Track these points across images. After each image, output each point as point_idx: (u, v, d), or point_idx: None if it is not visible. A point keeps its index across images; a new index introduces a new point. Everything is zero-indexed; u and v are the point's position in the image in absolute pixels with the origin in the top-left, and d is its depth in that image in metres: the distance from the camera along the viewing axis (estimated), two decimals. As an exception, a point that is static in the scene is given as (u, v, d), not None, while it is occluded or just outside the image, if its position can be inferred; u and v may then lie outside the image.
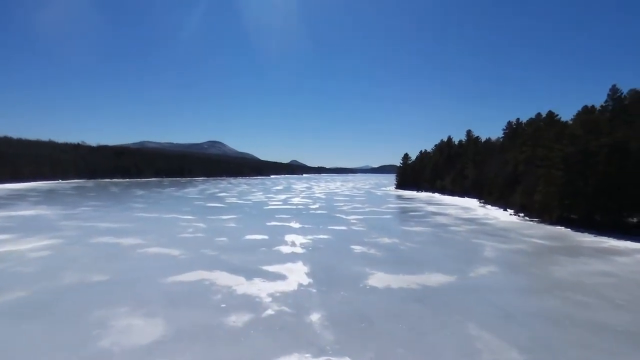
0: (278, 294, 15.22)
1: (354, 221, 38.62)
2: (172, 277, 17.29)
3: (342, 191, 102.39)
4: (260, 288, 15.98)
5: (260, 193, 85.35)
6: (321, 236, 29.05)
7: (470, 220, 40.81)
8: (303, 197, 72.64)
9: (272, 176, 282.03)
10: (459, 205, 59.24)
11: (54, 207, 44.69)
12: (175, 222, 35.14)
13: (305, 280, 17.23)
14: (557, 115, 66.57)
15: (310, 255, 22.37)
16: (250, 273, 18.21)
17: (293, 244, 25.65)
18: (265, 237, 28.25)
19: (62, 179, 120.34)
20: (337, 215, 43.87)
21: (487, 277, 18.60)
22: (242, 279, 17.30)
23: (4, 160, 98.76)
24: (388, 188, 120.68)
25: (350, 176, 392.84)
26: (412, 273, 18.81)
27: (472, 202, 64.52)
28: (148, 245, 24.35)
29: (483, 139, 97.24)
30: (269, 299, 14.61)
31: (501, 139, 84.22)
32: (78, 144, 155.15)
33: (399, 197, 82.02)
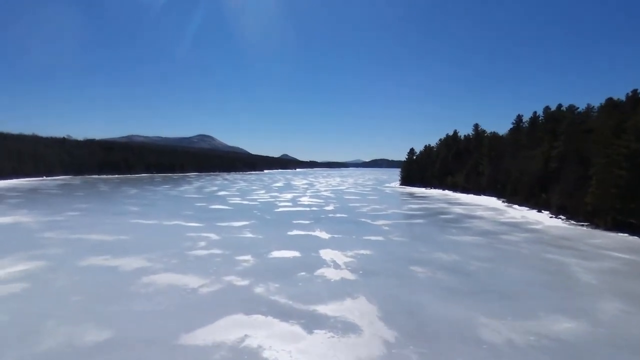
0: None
1: (386, 228, 33.71)
2: (199, 333, 12.14)
3: (347, 188, 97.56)
4: (335, 355, 10.94)
5: (263, 191, 79.94)
6: (362, 251, 24.08)
7: (514, 226, 36.26)
8: (311, 197, 67.51)
9: (265, 171, 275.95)
10: (484, 206, 54.85)
11: (35, 212, 38.84)
12: (181, 231, 29.79)
13: (390, 336, 12.23)
14: (577, 107, 62.67)
15: (367, 285, 17.38)
16: (305, 320, 13.16)
17: (336, 265, 20.64)
18: (296, 253, 23.17)
19: (47, 176, 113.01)
20: (362, 220, 38.92)
21: (627, 322, 13.85)
22: (298, 333, 12.25)
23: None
24: (392, 184, 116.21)
25: (344, 170, 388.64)
26: (520, 315, 13.97)
27: (493, 201, 60.24)
28: (155, 269, 19.08)
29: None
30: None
31: (508, 133, 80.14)
32: (64, 138, 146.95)
33: (411, 195, 77.53)
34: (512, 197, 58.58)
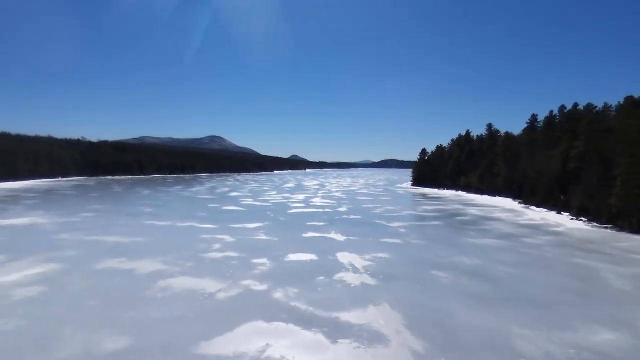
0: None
1: (403, 230, 32.99)
2: (219, 341, 11.69)
3: (359, 189, 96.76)
4: (365, 366, 10.38)
5: (274, 192, 79.67)
6: (380, 255, 23.43)
7: (535, 228, 35.18)
8: (323, 198, 66.96)
9: (275, 172, 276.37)
10: (500, 207, 53.62)
11: (52, 213, 39.07)
12: (195, 233, 29.52)
13: (419, 346, 11.60)
14: (595, 106, 60.93)
15: (390, 290, 16.76)
16: (328, 329, 12.61)
17: (355, 269, 20.04)
18: (313, 256, 22.64)
19: (62, 177, 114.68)
20: (377, 222, 38.22)
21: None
22: (322, 343, 11.71)
23: (1, 157, 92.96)
24: (404, 185, 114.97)
25: (353, 171, 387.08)
26: (556, 325, 13.21)
27: (509, 203, 58.92)
28: (171, 272, 18.74)
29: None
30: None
31: (523, 133, 78.40)
32: (78, 140, 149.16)
33: (424, 196, 76.40)
34: (530, 198, 57.16)
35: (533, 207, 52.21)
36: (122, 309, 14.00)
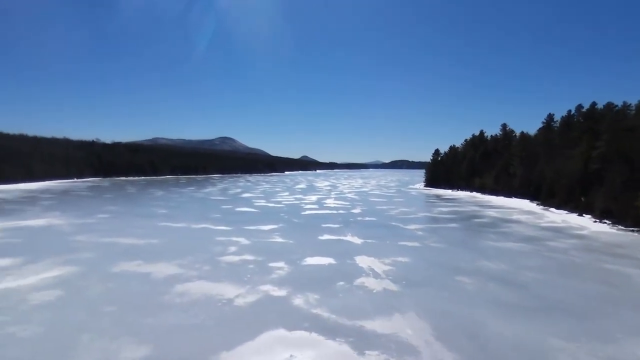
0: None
1: (420, 233, 32.22)
2: (240, 351, 11.21)
3: (371, 190, 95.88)
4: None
5: (286, 193, 79.35)
6: (400, 259, 22.75)
7: (557, 231, 34.02)
8: (336, 199, 66.36)
9: (286, 172, 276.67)
10: (518, 209, 52.31)
11: (68, 214, 39.27)
12: (210, 235, 29.23)
13: None
14: (616, 105, 59.14)
15: (414, 297, 16.10)
16: (354, 339, 12.03)
17: (375, 274, 19.42)
18: (331, 260, 22.08)
19: (77, 178, 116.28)
20: (393, 224, 37.48)
21: None
22: (349, 354, 11.15)
23: (19, 158, 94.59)
24: (417, 186, 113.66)
25: (364, 172, 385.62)
26: (596, 337, 12.42)
27: (526, 204, 57.50)
28: (188, 276, 18.38)
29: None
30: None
31: (539, 133, 76.62)
32: (93, 141, 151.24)
33: (438, 197, 75.19)
34: (548, 199, 55.69)
35: (552, 209, 50.80)
36: (140, 315, 13.64)
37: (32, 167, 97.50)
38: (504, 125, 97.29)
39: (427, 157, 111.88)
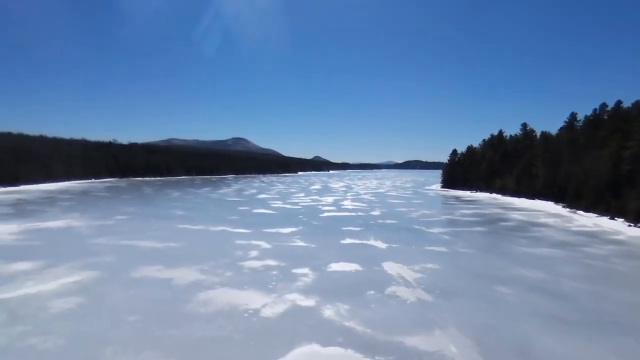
0: None
1: (446, 237, 30.99)
2: (277, 369, 10.36)
3: (387, 191, 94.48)
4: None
5: (302, 194, 78.63)
6: (430, 265, 21.65)
7: (591, 236, 32.34)
8: (353, 200, 65.30)
9: (299, 173, 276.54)
10: (544, 211, 50.41)
11: (86, 215, 39.24)
12: (229, 238, 28.59)
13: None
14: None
15: (451, 309, 15.02)
16: (395, 357, 11.06)
17: (406, 282, 18.38)
18: (357, 266, 21.12)
19: (95, 178, 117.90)
20: (416, 227, 36.28)
21: None
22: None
23: (39, 159, 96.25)
24: (433, 187, 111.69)
25: (377, 172, 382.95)
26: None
27: (551, 207, 55.46)
28: (210, 282, 17.66)
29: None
30: None
31: (562, 133, 74.06)
32: (110, 142, 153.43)
33: (458, 198, 73.41)
34: (575, 202, 53.49)
35: (580, 212, 48.75)
36: (164, 326, 12.92)
37: (51, 167, 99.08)
38: (524, 125, 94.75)
39: (440, 158, 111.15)
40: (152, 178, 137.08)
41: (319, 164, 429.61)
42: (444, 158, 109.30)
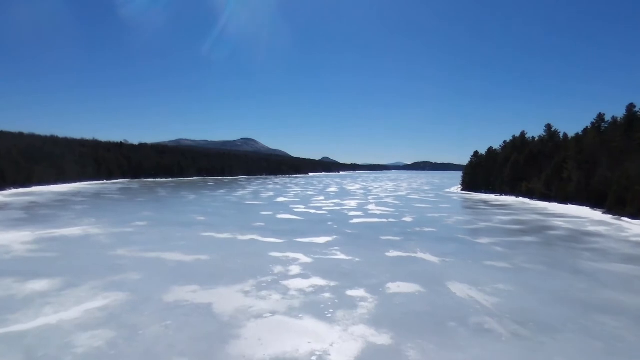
0: None
1: (499, 249, 28.01)
2: None
3: (408, 194, 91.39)
4: None
5: (321, 197, 75.92)
6: (500, 286, 18.75)
7: (660, 248, 29.10)
8: (377, 205, 62.38)
9: (310, 174, 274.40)
10: (586, 218, 47.05)
11: (103, 221, 36.95)
12: (262, 250, 25.98)
13: None
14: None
15: (559, 349, 12.14)
16: None
17: (486, 310, 15.49)
18: (419, 288, 18.31)
19: (107, 179, 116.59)
20: (460, 237, 33.34)
21: None
22: None
23: (51, 160, 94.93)
24: (452, 189, 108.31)
25: (388, 174, 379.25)
26: None
27: (589, 212, 52.09)
28: (258, 310, 14.99)
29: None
30: None
31: (591, 135, 70.35)
32: (121, 142, 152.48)
33: (486, 203, 70.15)
34: (618, 208, 50.03)
35: (626, 219, 45.30)
36: (218, 376, 10.27)
37: (63, 168, 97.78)
38: (549, 126, 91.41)
39: (450, 159, 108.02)
40: (164, 179, 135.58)
41: (328, 165, 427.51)
42: (454, 159, 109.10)
